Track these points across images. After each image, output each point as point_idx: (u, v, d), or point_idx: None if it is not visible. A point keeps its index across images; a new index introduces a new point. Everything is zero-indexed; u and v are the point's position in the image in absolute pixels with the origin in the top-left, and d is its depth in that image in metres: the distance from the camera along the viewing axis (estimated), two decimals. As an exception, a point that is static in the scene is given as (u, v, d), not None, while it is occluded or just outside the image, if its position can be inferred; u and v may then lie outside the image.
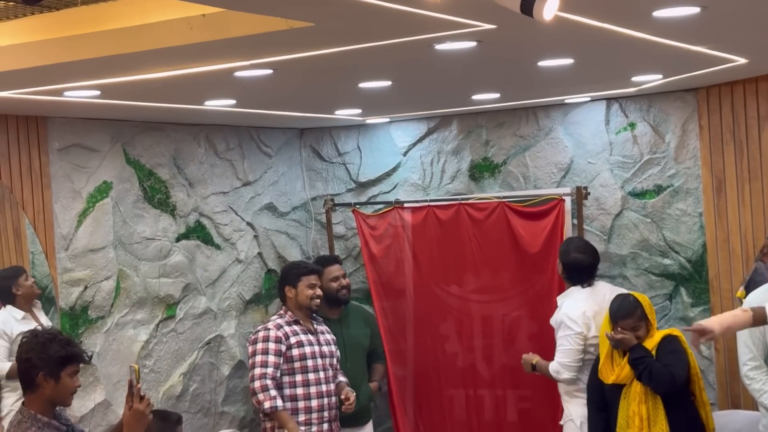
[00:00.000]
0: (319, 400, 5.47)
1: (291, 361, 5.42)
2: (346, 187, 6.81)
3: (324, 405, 5.50)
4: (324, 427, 5.50)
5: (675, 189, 5.92)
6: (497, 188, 6.35)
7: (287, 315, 5.53)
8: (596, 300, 5.33)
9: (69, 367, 3.63)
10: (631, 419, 4.90)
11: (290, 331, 5.46)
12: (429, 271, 6.35)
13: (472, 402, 6.27)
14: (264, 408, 5.28)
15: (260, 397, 5.28)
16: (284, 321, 5.49)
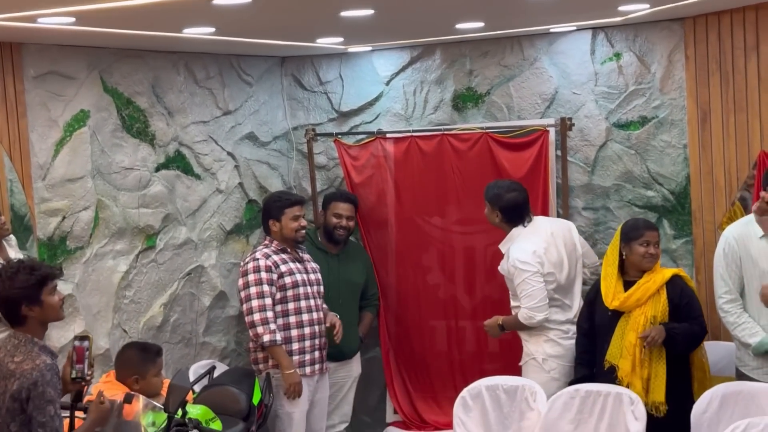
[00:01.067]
0: (311, 328, 5.47)
1: (284, 289, 5.39)
2: (328, 116, 6.74)
3: (315, 332, 5.50)
4: (316, 355, 5.52)
5: (660, 120, 5.88)
6: (481, 119, 6.29)
7: (273, 244, 5.49)
8: (541, 236, 5.32)
9: (45, 288, 3.73)
10: (627, 349, 4.91)
11: (279, 260, 5.43)
12: (411, 202, 6.32)
13: (453, 333, 6.29)
14: (263, 341, 5.25)
15: (259, 330, 5.25)
16: (271, 250, 5.45)
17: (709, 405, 4.67)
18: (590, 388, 4.89)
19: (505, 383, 5.16)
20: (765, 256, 4.74)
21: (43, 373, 3.67)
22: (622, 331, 4.97)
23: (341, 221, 5.99)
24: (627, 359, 4.90)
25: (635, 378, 4.89)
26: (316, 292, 5.55)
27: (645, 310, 4.96)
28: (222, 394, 5.11)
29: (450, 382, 6.26)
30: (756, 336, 4.80)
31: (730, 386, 4.73)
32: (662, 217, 5.94)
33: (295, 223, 5.47)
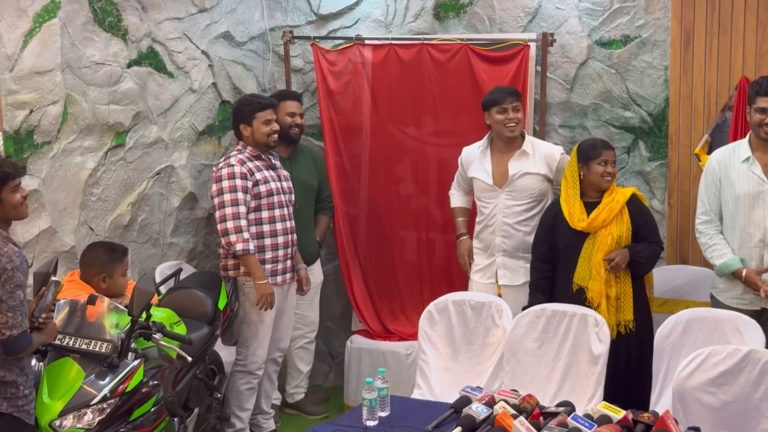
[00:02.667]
0: (284, 237, 5.42)
1: (258, 197, 5.31)
2: (306, 19, 6.59)
3: (288, 241, 5.46)
4: (288, 264, 5.49)
5: (642, 40, 5.80)
6: (462, 29, 6.18)
7: (247, 150, 5.40)
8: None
9: (5, 186, 3.75)
10: (596, 270, 4.91)
11: (254, 167, 5.34)
12: (387, 110, 6.24)
13: (423, 244, 6.28)
14: (236, 250, 5.19)
15: (232, 238, 5.19)
16: (246, 156, 5.36)
17: (673, 330, 4.69)
18: (556, 308, 4.90)
19: (471, 299, 5.17)
20: (743, 179, 4.72)
21: (12, 258, 3.67)
22: (589, 253, 4.96)
23: (295, 119, 5.89)
24: (596, 280, 4.91)
25: (604, 298, 4.91)
26: (288, 201, 5.49)
27: (611, 230, 4.95)
28: (188, 297, 5.11)
29: (417, 294, 6.28)
30: (723, 257, 4.80)
31: (694, 312, 4.75)
32: (638, 139, 5.90)
33: (267, 127, 5.37)
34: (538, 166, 5.28)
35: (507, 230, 5.30)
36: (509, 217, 5.29)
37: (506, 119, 5.23)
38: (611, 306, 4.92)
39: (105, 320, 4.19)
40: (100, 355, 4.09)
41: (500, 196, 5.29)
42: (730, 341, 4.52)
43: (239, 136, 5.44)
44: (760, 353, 4.07)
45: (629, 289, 4.99)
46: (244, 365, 5.47)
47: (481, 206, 5.41)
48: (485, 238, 5.40)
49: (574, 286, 4.97)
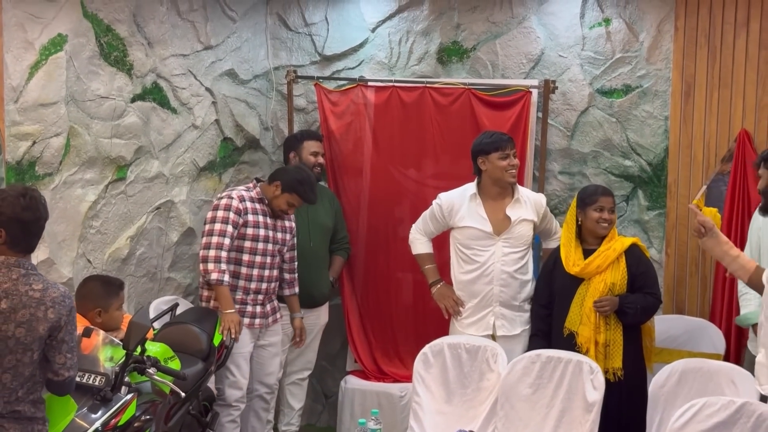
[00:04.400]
0: (257, 284, 5.43)
1: (243, 238, 5.35)
2: (311, 59, 6.64)
3: (261, 289, 5.46)
4: (257, 310, 5.47)
5: (643, 90, 5.84)
6: (464, 74, 6.22)
7: (254, 191, 5.44)
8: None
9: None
10: (587, 316, 4.91)
11: (251, 208, 5.38)
12: (388, 152, 6.27)
13: (420, 287, 6.27)
14: (210, 278, 5.22)
15: (210, 266, 5.22)
16: (249, 196, 5.41)
17: (668, 379, 4.70)
18: (551, 354, 4.90)
19: (467, 342, 5.17)
20: None
21: (71, 298, 3.77)
22: (581, 298, 4.98)
23: (318, 158, 5.95)
24: (587, 326, 4.92)
25: (593, 344, 4.91)
26: (277, 251, 5.49)
27: (605, 277, 4.96)
28: (183, 332, 5.10)
29: (413, 336, 6.26)
30: (747, 308, 4.81)
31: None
32: (638, 188, 5.93)
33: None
34: (530, 213, 5.29)
35: (505, 279, 5.25)
36: (508, 266, 5.25)
37: (509, 165, 5.22)
38: (599, 352, 4.92)
39: (99, 353, 4.18)
40: (94, 388, 4.08)
41: (497, 244, 5.26)
42: (724, 393, 4.52)
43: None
44: (754, 406, 4.06)
45: (620, 337, 4.98)
46: (223, 398, 5.46)
47: (471, 255, 5.28)
48: (479, 288, 5.27)
49: (565, 331, 4.98)
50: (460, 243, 5.31)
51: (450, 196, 5.36)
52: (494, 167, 5.21)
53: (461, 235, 5.29)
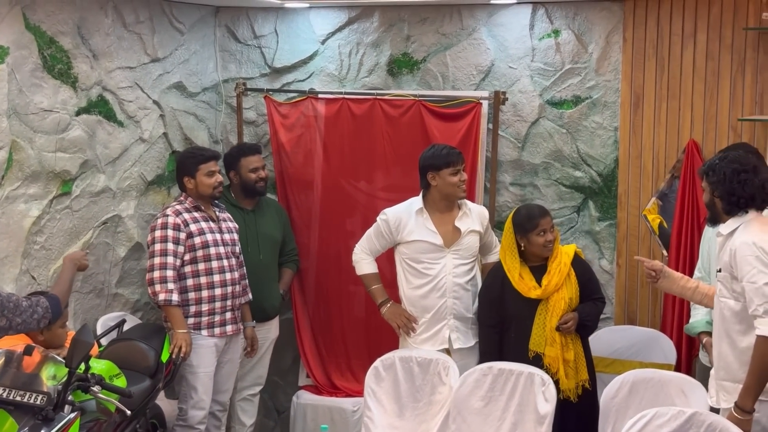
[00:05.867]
0: (222, 289, 5.37)
1: (193, 249, 5.29)
2: (260, 71, 6.59)
3: (228, 293, 5.40)
4: (227, 316, 5.43)
5: (593, 101, 5.86)
6: (415, 86, 6.21)
7: (187, 201, 5.38)
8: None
9: None
10: (552, 336, 4.88)
11: (190, 218, 5.32)
12: (338, 165, 6.23)
13: (371, 300, 6.21)
14: (158, 300, 5.16)
15: (156, 288, 5.16)
16: (183, 207, 5.34)
17: (619, 390, 4.69)
18: (503, 366, 4.87)
19: (419, 356, 5.13)
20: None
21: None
22: (543, 319, 4.93)
23: (259, 173, 5.88)
24: (553, 345, 4.88)
25: (561, 363, 4.88)
26: (230, 252, 5.44)
27: (563, 295, 4.94)
28: (130, 349, 5.02)
29: (365, 350, 6.22)
30: (694, 317, 4.81)
31: (640, 373, 4.75)
32: (588, 199, 5.93)
33: (211, 179, 5.36)
34: (477, 224, 5.27)
35: (458, 291, 5.21)
36: (459, 277, 5.21)
37: (460, 181, 5.17)
38: (570, 369, 4.90)
39: (41, 371, 4.08)
40: (35, 408, 3.98)
41: (447, 256, 5.21)
42: (675, 403, 4.52)
43: (183, 188, 5.41)
44: (704, 416, 4.06)
45: (581, 349, 4.98)
46: (185, 419, 5.37)
47: (422, 269, 5.22)
48: (432, 302, 5.20)
49: (531, 353, 4.93)
50: (408, 258, 5.25)
51: (396, 211, 5.29)
52: (445, 183, 5.15)
53: (410, 250, 5.23)
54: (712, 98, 5.51)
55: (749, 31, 5.38)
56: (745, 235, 4.02)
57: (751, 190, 4.05)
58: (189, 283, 5.28)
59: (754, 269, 3.95)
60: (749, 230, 4.04)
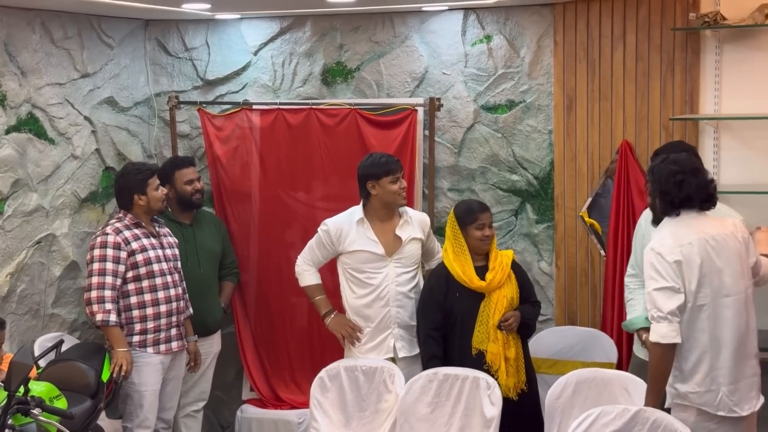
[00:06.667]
0: (167, 305, 5.30)
1: (136, 267, 5.21)
2: (193, 84, 6.53)
3: (173, 309, 5.34)
4: (173, 332, 5.36)
5: (527, 105, 5.90)
6: (350, 94, 6.20)
7: (127, 218, 5.30)
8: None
9: None
10: (495, 333, 4.90)
11: (131, 236, 5.24)
12: (276, 176, 6.20)
13: (314, 311, 6.18)
14: (95, 320, 5.08)
15: (94, 308, 5.08)
16: (123, 225, 5.26)
17: (563, 391, 4.71)
18: (448, 371, 4.88)
19: (364, 364, 5.11)
20: None
21: None
22: (486, 316, 4.95)
23: (194, 185, 5.81)
24: (496, 342, 4.91)
25: (502, 360, 4.90)
26: (173, 268, 5.38)
27: (505, 292, 4.98)
28: (69, 369, 4.93)
29: (308, 361, 6.20)
30: (632, 313, 4.85)
31: (584, 372, 4.78)
32: (526, 202, 5.97)
33: (159, 192, 5.31)
34: (418, 232, 5.26)
35: (401, 299, 5.20)
36: (402, 286, 5.20)
37: (400, 188, 5.17)
38: (510, 367, 4.92)
39: (-21, 397, 3.99)
40: (-26, 434, 3.89)
41: (390, 265, 5.20)
42: (618, 401, 4.56)
43: (128, 206, 5.31)
44: (648, 413, 4.09)
45: (521, 350, 5.02)
46: (130, 439, 5.30)
47: (365, 278, 5.20)
48: (376, 312, 5.18)
49: (473, 350, 4.94)
50: (351, 268, 5.23)
51: (336, 221, 5.27)
52: (385, 191, 5.14)
53: (352, 260, 5.22)
54: (644, 99, 5.59)
55: (677, 32, 5.46)
56: (654, 240, 4.11)
57: (687, 191, 4.10)
58: (133, 301, 5.21)
59: (647, 275, 4.06)
60: (658, 234, 4.12)
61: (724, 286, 4.07)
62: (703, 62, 5.46)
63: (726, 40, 5.40)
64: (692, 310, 4.04)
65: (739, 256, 4.13)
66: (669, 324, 3.98)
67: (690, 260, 4.02)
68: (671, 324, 3.99)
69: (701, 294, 4.04)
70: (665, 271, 4.01)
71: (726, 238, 4.12)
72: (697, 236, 4.06)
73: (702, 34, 5.44)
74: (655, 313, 4.01)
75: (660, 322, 4.00)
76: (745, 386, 4.14)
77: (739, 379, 4.12)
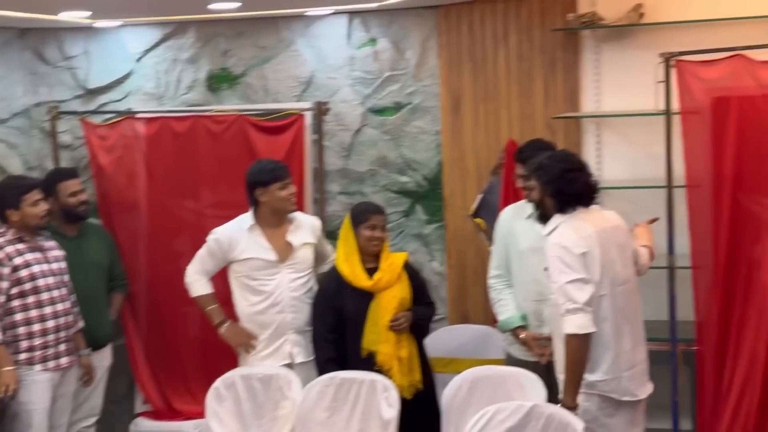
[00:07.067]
0: (55, 321, 5.16)
1: (20, 283, 5.06)
2: (73, 93, 6.39)
3: (61, 325, 5.20)
4: (62, 348, 5.22)
5: (414, 107, 5.96)
6: (236, 100, 6.16)
7: (9, 233, 5.15)
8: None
9: None
10: (385, 333, 4.91)
11: (14, 251, 5.08)
12: (163, 184, 6.10)
13: (207, 319, 6.13)
14: None
15: None
16: (6, 240, 5.10)
17: (459, 389, 4.75)
18: (345, 375, 4.88)
19: (260, 372, 5.07)
20: (526, 234, 4.85)
21: None
22: (375, 316, 4.97)
23: (79, 197, 5.68)
24: (387, 343, 4.92)
25: (395, 360, 4.93)
26: (60, 282, 5.25)
27: (395, 293, 4.99)
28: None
29: (202, 370, 6.11)
30: (504, 314, 4.92)
31: (479, 370, 4.84)
32: (416, 203, 6.03)
33: (36, 209, 5.15)
34: (310, 236, 5.26)
35: (296, 305, 5.18)
36: (296, 291, 5.18)
37: (289, 194, 5.15)
38: (404, 367, 4.94)
39: None
40: None
41: (282, 271, 5.18)
42: (513, 397, 4.62)
43: (4, 220, 5.17)
44: (542, 408, 4.17)
45: (415, 350, 5.04)
46: (18, 462, 5.15)
47: (257, 286, 5.15)
48: (270, 319, 5.14)
49: (364, 351, 4.96)
50: (243, 275, 5.19)
51: (226, 229, 5.22)
52: (275, 198, 5.11)
53: (244, 268, 5.18)
54: (527, 98, 5.70)
55: (557, 32, 5.59)
56: (555, 235, 4.19)
57: (578, 188, 4.21)
58: (18, 318, 5.06)
59: (556, 269, 4.13)
60: (560, 230, 4.20)
61: (618, 276, 4.19)
62: (582, 61, 5.61)
63: (604, 39, 5.55)
64: (597, 300, 4.14)
65: (624, 247, 4.27)
66: (585, 314, 4.06)
67: (592, 252, 4.12)
68: (586, 314, 4.06)
69: (603, 284, 4.14)
70: (574, 263, 4.09)
71: (614, 230, 4.25)
72: (594, 229, 4.16)
73: (581, 34, 5.58)
74: (570, 305, 4.07)
75: (576, 313, 4.07)
76: (640, 371, 4.29)
77: (636, 364, 4.25)
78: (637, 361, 4.27)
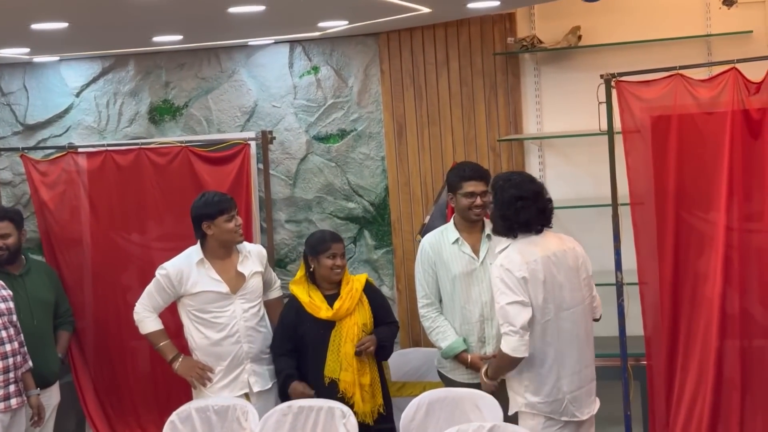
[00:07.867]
0: (3, 362, 5.07)
1: None
2: (12, 129, 6.34)
3: (9, 366, 5.11)
4: (11, 389, 5.12)
5: (358, 133, 6.00)
6: (179, 132, 6.15)
7: (-47, 274, 5.08)
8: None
9: None
10: (347, 361, 4.91)
11: (-40, 292, 5.01)
12: (108, 218, 6.05)
13: (156, 354, 6.08)
14: None
15: None
16: (-51, 281, 5.03)
17: (417, 413, 4.77)
18: (302, 403, 4.87)
19: (215, 404, 5.03)
20: (456, 259, 4.92)
21: None
22: (337, 344, 4.97)
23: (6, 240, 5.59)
24: (348, 370, 4.92)
25: (357, 387, 4.93)
26: (8, 322, 5.17)
27: (356, 320, 5.00)
28: None
29: (154, 404, 6.06)
30: (447, 340, 4.96)
31: (434, 393, 4.86)
32: (363, 228, 6.06)
33: None
34: (257, 265, 5.26)
35: (252, 334, 5.17)
36: (250, 320, 5.18)
37: (236, 226, 5.14)
38: (366, 393, 4.95)
39: None
40: None
41: (236, 302, 5.16)
42: (470, 418, 4.65)
43: None
44: (502, 427, 4.22)
45: (377, 375, 5.06)
46: None
47: (211, 318, 5.12)
48: (227, 350, 5.12)
49: (326, 380, 4.96)
50: (195, 309, 5.16)
51: (175, 264, 5.18)
52: (221, 230, 5.09)
53: (196, 301, 5.14)
54: (470, 122, 5.78)
55: (497, 56, 5.68)
56: (502, 256, 4.28)
57: (526, 216, 4.27)
58: None
59: (498, 290, 4.23)
60: (507, 252, 4.29)
61: (564, 300, 4.27)
62: (523, 84, 5.71)
63: (543, 62, 5.65)
64: (540, 324, 4.21)
65: (577, 270, 4.34)
66: (520, 338, 4.15)
67: (535, 277, 4.19)
68: (522, 339, 4.15)
69: (547, 309, 4.22)
70: (514, 286, 4.17)
71: (566, 253, 4.32)
72: (541, 254, 4.23)
73: (521, 57, 5.68)
74: (507, 327, 4.16)
75: (512, 335, 4.16)
76: (584, 393, 4.37)
77: (582, 385, 4.34)
78: (584, 382, 4.35)
